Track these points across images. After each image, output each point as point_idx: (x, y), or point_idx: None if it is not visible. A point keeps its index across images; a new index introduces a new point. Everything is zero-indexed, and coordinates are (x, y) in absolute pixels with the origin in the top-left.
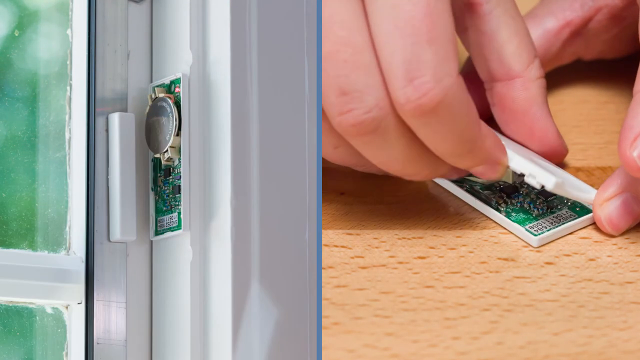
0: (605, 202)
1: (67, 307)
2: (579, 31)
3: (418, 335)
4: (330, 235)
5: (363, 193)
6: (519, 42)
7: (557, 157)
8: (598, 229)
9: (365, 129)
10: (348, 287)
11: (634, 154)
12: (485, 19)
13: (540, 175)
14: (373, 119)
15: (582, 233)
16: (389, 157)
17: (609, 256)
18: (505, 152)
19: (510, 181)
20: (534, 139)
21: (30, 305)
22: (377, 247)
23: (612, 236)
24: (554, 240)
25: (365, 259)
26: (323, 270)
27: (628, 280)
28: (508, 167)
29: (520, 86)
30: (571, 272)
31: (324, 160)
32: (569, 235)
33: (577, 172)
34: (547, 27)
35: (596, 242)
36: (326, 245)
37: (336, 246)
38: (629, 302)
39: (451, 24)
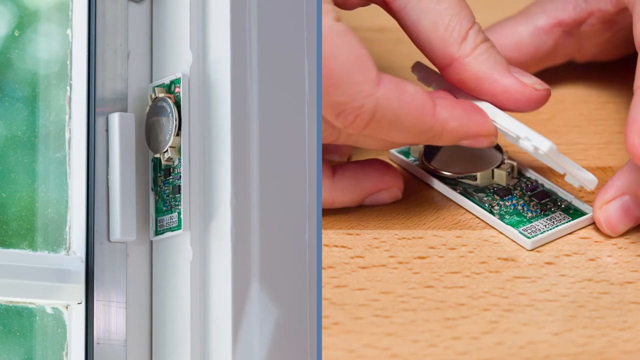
0: (605, 204)
1: (67, 307)
2: (571, 32)
3: (418, 335)
4: (330, 235)
5: None
6: (446, 25)
7: (540, 101)
8: (598, 229)
9: (330, 142)
10: (348, 287)
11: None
12: (402, 15)
13: (535, 138)
14: (330, 135)
15: (582, 233)
16: (371, 147)
17: (609, 256)
18: (485, 125)
19: (503, 183)
20: (504, 103)
21: (30, 305)
22: (377, 247)
23: (612, 236)
24: (548, 243)
25: (365, 259)
26: (323, 270)
27: (628, 280)
28: (496, 134)
29: (459, 68)
30: (571, 272)
31: None
32: (569, 235)
33: None
34: (537, 24)
35: (596, 242)
36: (326, 245)
37: (336, 246)
38: (629, 302)
39: (353, 53)
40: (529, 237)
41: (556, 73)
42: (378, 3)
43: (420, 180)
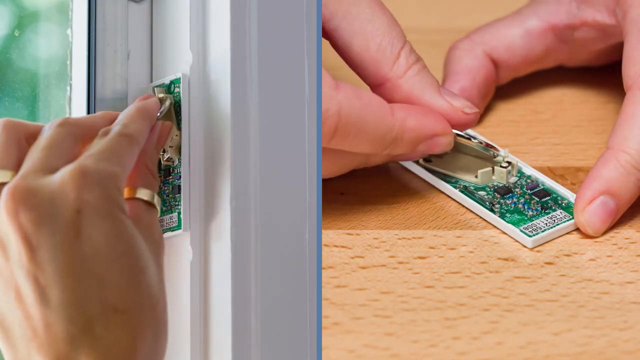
0: (587, 206)
1: None
2: (564, 38)
3: (418, 335)
4: (330, 235)
5: (363, 193)
6: (377, 45)
7: (468, 124)
8: None
9: None
10: (348, 287)
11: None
12: (335, 35)
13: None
14: None
15: (582, 233)
16: (329, 167)
17: (608, 256)
18: (442, 122)
19: (504, 181)
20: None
21: None
22: (377, 247)
23: (612, 236)
24: (549, 241)
25: (365, 259)
26: (323, 270)
27: (628, 280)
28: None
29: (392, 89)
30: (571, 272)
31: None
32: (569, 235)
33: (577, 172)
34: (528, 26)
35: (596, 242)
36: (326, 245)
37: (336, 246)
38: (629, 302)
39: None
40: (530, 236)
41: (556, 73)
42: None
43: (421, 179)
